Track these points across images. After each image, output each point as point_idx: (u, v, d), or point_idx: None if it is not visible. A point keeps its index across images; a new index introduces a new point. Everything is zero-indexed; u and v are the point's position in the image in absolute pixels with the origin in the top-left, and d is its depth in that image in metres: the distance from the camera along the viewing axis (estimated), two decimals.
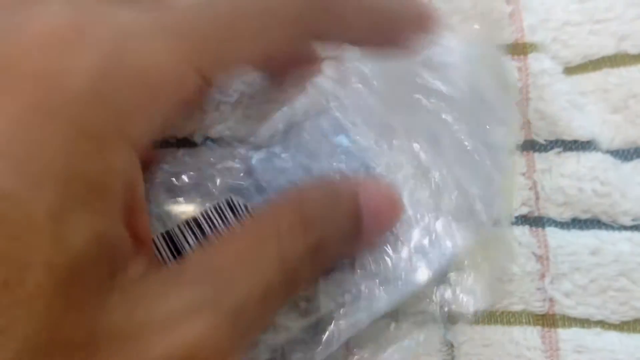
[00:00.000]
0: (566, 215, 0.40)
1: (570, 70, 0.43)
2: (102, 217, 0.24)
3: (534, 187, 0.41)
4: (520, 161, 0.41)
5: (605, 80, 0.43)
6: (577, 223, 0.40)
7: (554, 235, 0.40)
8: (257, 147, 0.36)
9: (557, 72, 0.42)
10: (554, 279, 0.39)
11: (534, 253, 0.40)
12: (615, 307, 0.39)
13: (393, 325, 0.39)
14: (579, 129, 0.41)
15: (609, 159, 0.41)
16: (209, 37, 0.27)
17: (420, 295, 0.39)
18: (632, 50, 0.42)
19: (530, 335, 0.38)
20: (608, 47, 0.42)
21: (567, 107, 0.42)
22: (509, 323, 0.39)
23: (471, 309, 0.39)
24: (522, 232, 0.40)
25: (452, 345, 0.38)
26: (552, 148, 0.41)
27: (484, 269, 0.40)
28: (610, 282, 0.39)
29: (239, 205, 0.33)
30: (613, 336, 0.38)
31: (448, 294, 0.39)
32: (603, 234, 0.40)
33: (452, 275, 0.40)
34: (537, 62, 0.42)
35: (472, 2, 0.43)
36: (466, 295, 0.39)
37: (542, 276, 0.39)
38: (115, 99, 0.25)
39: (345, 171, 0.35)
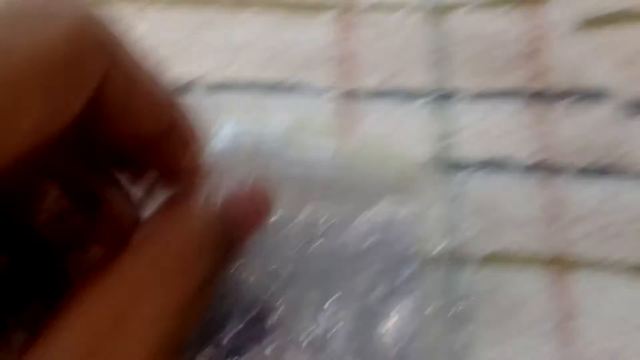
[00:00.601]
0: (577, 164, 0.40)
1: (583, 24, 0.42)
2: None
3: (548, 136, 0.40)
4: (532, 111, 0.41)
5: (616, 36, 0.42)
6: (588, 172, 0.40)
7: (567, 182, 0.39)
8: None
9: (569, 24, 0.42)
10: (568, 223, 0.38)
11: (546, 199, 0.39)
12: (630, 250, 0.38)
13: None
14: (592, 79, 0.41)
15: (620, 110, 0.40)
16: None
17: (426, 238, 0.38)
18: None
19: (542, 277, 0.37)
20: (620, 3, 0.42)
21: (578, 59, 0.41)
22: (521, 265, 0.38)
23: (482, 252, 0.38)
24: (535, 180, 0.39)
25: (464, 287, 0.37)
26: (563, 98, 0.41)
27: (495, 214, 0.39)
28: (624, 226, 0.38)
29: None
30: (627, 277, 0.37)
31: (455, 237, 0.38)
32: (615, 182, 0.39)
33: (463, 220, 0.38)
34: (550, 14, 0.41)
35: None
36: (476, 239, 0.38)
37: (556, 220, 0.38)
38: None
39: None
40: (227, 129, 0.35)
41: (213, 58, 0.42)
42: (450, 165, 0.40)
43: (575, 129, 0.40)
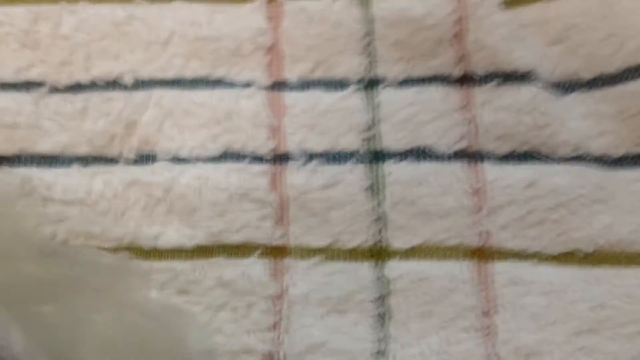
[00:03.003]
0: (504, 148, 0.40)
1: (509, 2, 0.41)
2: None
3: (472, 121, 0.40)
4: (458, 95, 0.40)
5: (545, 12, 0.41)
6: (515, 156, 0.40)
7: (491, 168, 0.39)
8: None
9: (496, 2, 0.41)
10: (490, 212, 0.38)
11: (470, 187, 0.39)
12: (552, 238, 0.38)
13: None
14: (519, 59, 0.40)
15: (550, 89, 0.40)
16: None
17: (355, 230, 0.38)
18: None
19: (465, 268, 0.38)
20: None
21: (506, 38, 0.41)
22: (444, 257, 0.38)
23: (405, 245, 0.38)
24: (460, 167, 0.39)
25: (387, 280, 0.37)
26: (491, 80, 0.40)
27: (419, 204, 0.39)
28: (547, 214, 0.38)
29: None
30: (549, 267, 0.37)
31: (383, 229, 0.38)
32: (541, 166, 0.39)
33: (388, 212, 0.38)
34: None
35: None
36: (400, 231, 0.38)
37: (478, 210, 0.38)
38: None
39: None
40: None
41: (139, 52, 0.41)
42: (376, 155, 0.39)
43: (501, 113, 0.39)
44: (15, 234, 0.32)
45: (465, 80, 0.41)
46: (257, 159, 0.39)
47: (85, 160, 0.39)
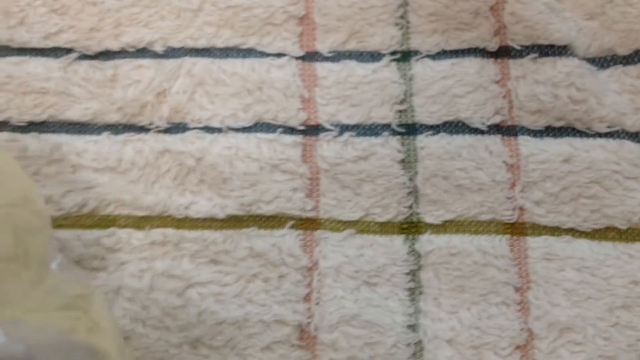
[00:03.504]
0: (540, 123, 0.39)
1: None
2: None
3: (507, 95, 0.39)
4: (494, 68, 0.39)
5: None
6: (551, 131, 0.39)
7: (526, 143, 0.39)
8: None
9: None
10: (525, 187, 0.38)
11: (505, 162, 0.38)
12: (587, 214, 0.37)
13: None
14: (556, 32, 0.39)
15: (586, 65, 0.39)
16: None
17: (387, 204, 0.38)
18: None
19: (498, 243, 0.37)
20: None
21: (544, 11, 0.40)
22: (477, 232, 0.37)
23: (438, 219, 0.38)
24: (494, 141, 0.39)
25: (419, 255, 0.37)
26: (527, 54, 0.40)
27: (452, 178, 0.38)
28: (582, 189, 0.38)
29: None
30: (583, 243, 0.37)
31: (415, 203, 0.38)
32: (576, 141, 0.38)
33: (420, 186, 0.38)
34: None
35: None
36: (433, 205, 0.38)
37: (513, 185, 0.38)
38: None
39: None
40: None
41: (170, 20, 0.41)
42: (409, 128, 0.39)
43: (537, 87, 0.39)
44: None
45: (501, 53, 0.40)
46: (289, 130, 0.39)
47: (116, 128, 0.39)
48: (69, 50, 0.40)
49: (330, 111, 0.39)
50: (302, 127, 0.39)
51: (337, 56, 0.40)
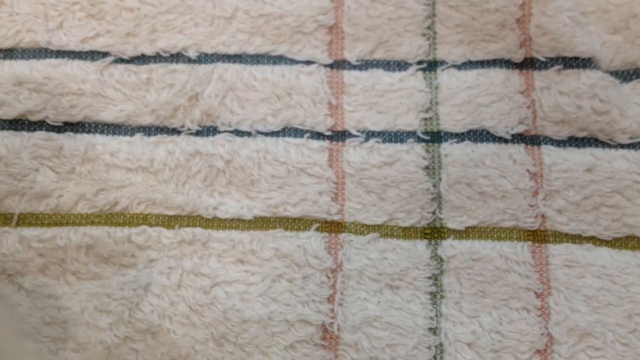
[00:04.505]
0: (563, 133, 0.40)
1: None
2: None
3: (532, 105, 0.40)
4: (519, 79, 0.40)
5: (605, 2, 0.41)
6: (574, 141, 0.40)
7: (549, 152, 0.39)
8: None
9: None
10: (547, 195, 0.38)
11: (528, 170, 0.39)
12: (608, 223, 0.38)
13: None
14: (581, 46, 0.40)
15: (609, 77, 0.40)
16: None
17: (411, 209, 0.38)
18: None
19: (520, 250, 0.38)
20: None
21: (569, 24, 0.41)
22: (499, 238, 0.38)
23: (461, 225, 0.38)
24: (518, 150, 0.39)
25: (441, 260, 0.38)
26: (552, 65, 0.40)
27: (476, 185, 0.39)
28: (604, 198, 0.38)
29: None
30: (604, 252, 0.38)
31: (438, 209, 0.39)
32: (599, 151, 0.39)
33: (444, 192, 0.39)
34: None
35: None
36: (456, 211, 0.39)
37: (535, 193, 0.39)
38: None
39: None
40: None
41: (204, 26, 0.42)
42: (434, 136, 0.40)
43: (561, 98, 0.39)
44: None
45: (526, 64, 0.41)
46: (316, 135, 0.40)
47: (149, 129, 0.40)
48: (105, 54, 0.41)
49: (357, 117, 0.40)
50: (329, 133, 0.40)
51: (365, 64, 0.41)
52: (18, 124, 0.39)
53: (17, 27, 0.42)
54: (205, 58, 0.41)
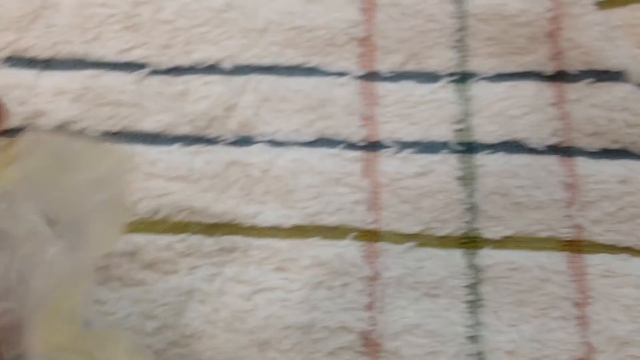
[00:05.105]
0: (596, 145, 0.40)
1: (603, 3, 0.42)
2: None
3: (564, 117, 0.40)
4: (550, 92, 0.41)
5: (636, 14, 0.42)
6: (607, 153, 0.40)
7: (583, 164, 0.40)
8: None
9: (590, 2, 0.42)
10: (583, 206, 0.39)
11: (562, 182, 0.39)
12: None
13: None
14: (612, 59, 0.41)
15: (639, 91, 0.40)
16: None
17: (446, 219, 0.39)
18: None
19: (557, 260, 0.38)
20: None
21: (600, 38, 0.41)
22: (536, 248, 0.38)
23: (497, 235, 0.39)
24: (551, 161, 0.40)
25: (478, 269, 0.38)
26: (583, 78, 0.41)
27: (511, 195, 0.39)
28: (638, 210, 0.38)
29: None
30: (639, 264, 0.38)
31: (474, 219, 0.39)
32: (632, 163, 0.40)
33: (479, 202, 0.39)
34: None
35: None
36: (492, 221, 0.39)
37: (571, 204, 0.39)
38: None
39: None
40: None
41: (238, 39, 0.42)
42: (468, 146, 0.40)
43: (594, 110, 0.40)
44: None
45: (558, 77, 0.41)
46: (350, 145, 0.41)
47: (187, 139, 0.41)
48: (141, 66, 0.42)
49: (390, 128, 0.41)
50: (362, 143, 0.40)
51: (397, 76, 0.42)
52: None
53: (54, 39, 0.42)
54: (239, 70, 0.42)
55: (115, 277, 0.37)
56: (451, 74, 0.42)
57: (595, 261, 0.38)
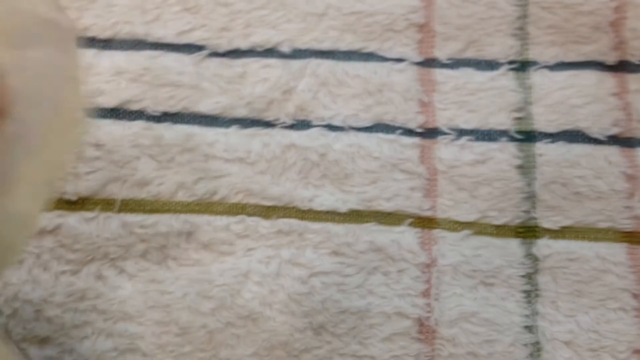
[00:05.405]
0: None
1: None
2: None
3: (626, 107, 0.40)
4: (612, 81, 0.40)
5: None
6: None
7: None
8: None
9: None
10: None
11: (623, 172, 0.39)
12: None
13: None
14: None
15: None
16: None
17: (504, 207, 0.38)
18: None
19: (617, 251, 0.38)
20: None
21: None
22: (595, 239, 0.38)
23: (556, 225, 0.38)
24: (613, 152, 0.39)
25: (536, 259, 0.38)
26: None
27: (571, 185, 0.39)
28: None
29: None
30: None
31: (532, 208, 0.39)
32: None
33: (538, 191, 0.39)
34: None
35: None
36: (551, 211, 0.39)
37: (631, 195, 0.38)
38: None
39: None
40: None
41: (297, 22, 0.42)
42: (528, 135, 0.40)
43: None
44: None
45: (620, 67, 0.41)
46: (408, 131, 0.40)
47: (244, 121, 0.41)
48: (200, 47, 0.42)
49: (448, 115, 0.40)
50: (420, 130, 0.40)
51: (455, 63, 0.42)
52: (119, 113, 0.40)
53: (114, 19, 0.42)
54: (298, 53, 0.42)
55: (172, 257, 0.38)
56: (511, 62, 0.41)
57: None
